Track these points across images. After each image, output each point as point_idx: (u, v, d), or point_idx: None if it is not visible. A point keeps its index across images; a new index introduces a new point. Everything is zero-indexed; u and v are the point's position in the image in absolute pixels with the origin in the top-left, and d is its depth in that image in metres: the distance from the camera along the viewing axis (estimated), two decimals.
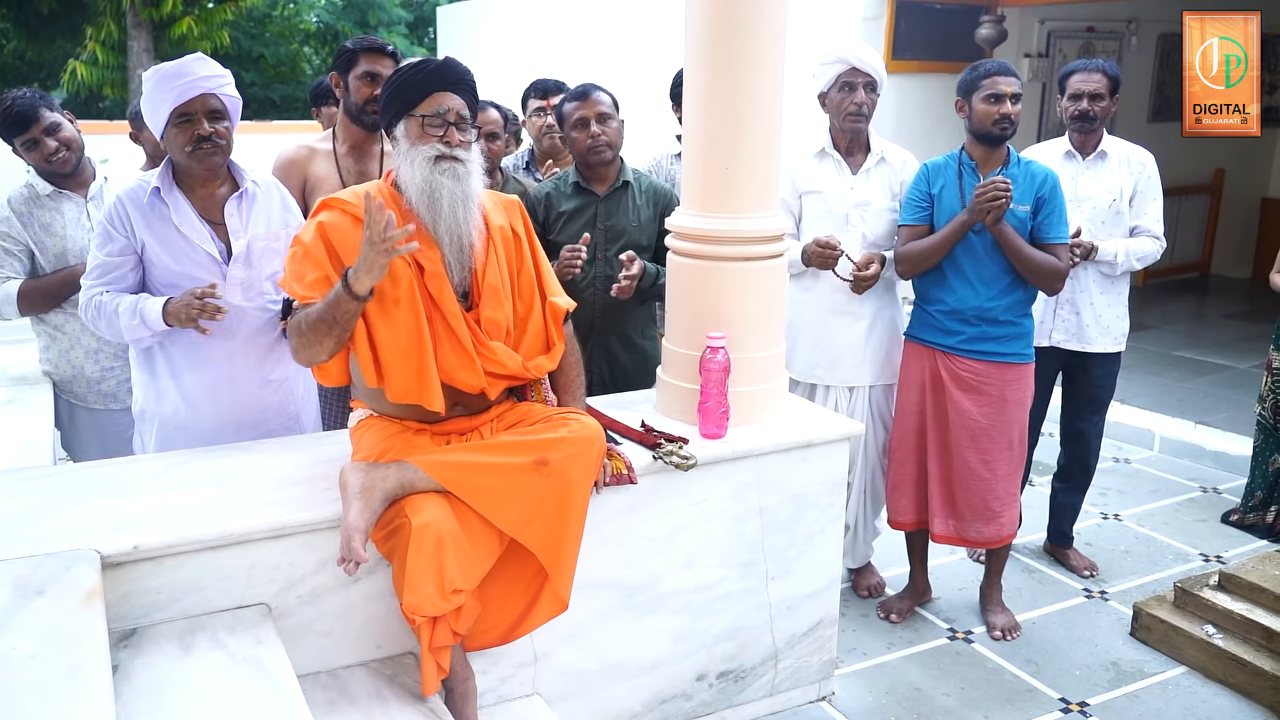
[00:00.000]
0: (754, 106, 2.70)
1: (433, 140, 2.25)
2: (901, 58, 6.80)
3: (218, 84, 2.54)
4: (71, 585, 1.88)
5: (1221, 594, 3.29)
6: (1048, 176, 3.18)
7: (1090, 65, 3.59)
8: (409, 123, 2.27)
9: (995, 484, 3.29)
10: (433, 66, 2.29)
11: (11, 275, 3.10)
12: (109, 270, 2.56)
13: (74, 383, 3.24)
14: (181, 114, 2.49)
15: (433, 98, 2.26)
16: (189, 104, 2.49)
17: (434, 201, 2.24)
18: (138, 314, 2.51)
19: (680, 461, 2.58)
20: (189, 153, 2.52)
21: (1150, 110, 8.43)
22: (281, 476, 2.39)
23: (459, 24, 12.34)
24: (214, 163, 2.56)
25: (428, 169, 2.24)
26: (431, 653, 2.15)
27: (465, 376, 2.29)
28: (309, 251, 2.24)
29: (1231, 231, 9.38)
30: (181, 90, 2.48)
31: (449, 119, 2.26)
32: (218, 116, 2.54)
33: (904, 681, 3.18)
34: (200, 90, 2.50)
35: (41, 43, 16.51)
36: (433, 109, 2.26)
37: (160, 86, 2.49)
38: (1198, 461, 5.07)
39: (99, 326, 2.57)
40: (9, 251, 3.09)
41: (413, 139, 2.26)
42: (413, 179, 2.25)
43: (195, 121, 2.50)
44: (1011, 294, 3.21)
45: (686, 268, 2.83)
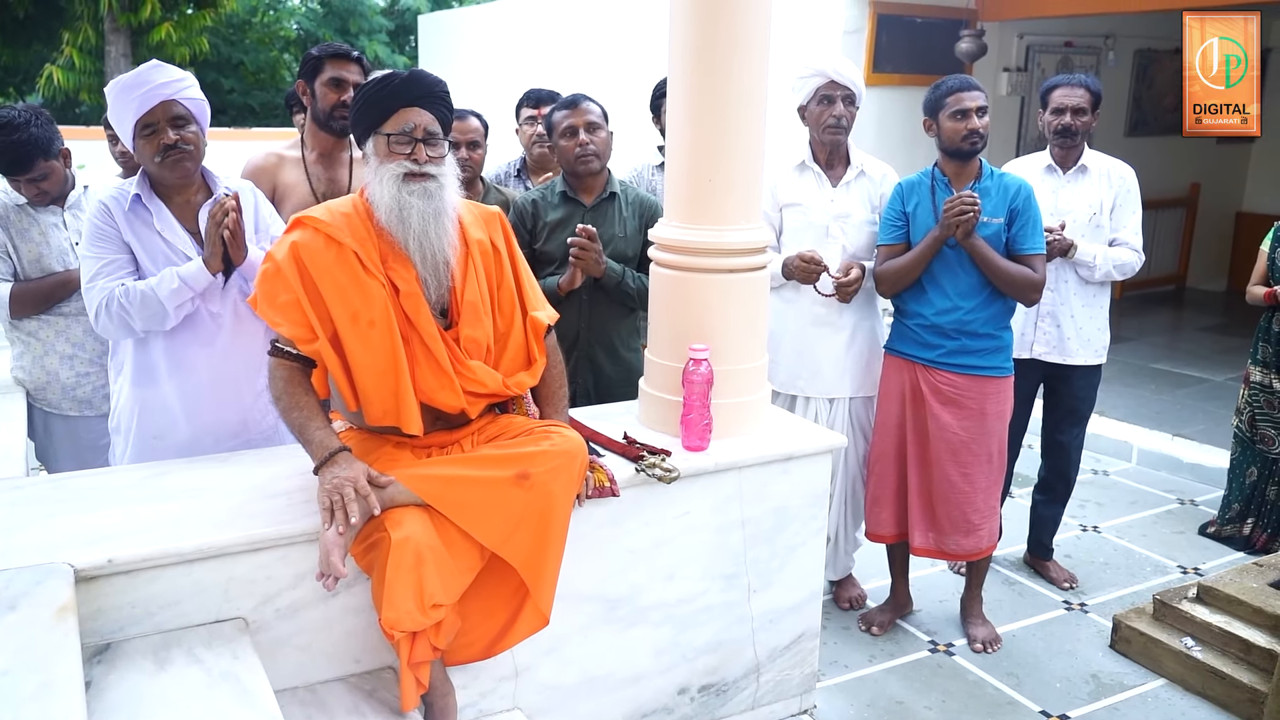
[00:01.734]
0: (738, 118, 2.69)
1: (400, 158, 2.20)
2: (882, 70, 6.85)
3: (177, 89, 2.50)
4: (43, 599, 1.84)
5: (1200, 606, 3.31)
6: (1020, 188, 3.20)
7: (1073, 80, 3.62)
8: (376, 140, 2.23)
9: (974, 497, 3.30)
10: (397, 82, 2.22)
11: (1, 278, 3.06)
12: (114, 267, 2.51)
13: (48, 389, 3.20)
14: (145, 124, 2.47)
15: (399, 114, 2.21)
16: (150, 113, 2.46)
17: (403, 221, 2.20)
18: (177, 278, 2.46)
19: (663, 474, 2.57)
20: (158, 163, 2.50)
21: (1127, 124, 8.52)
22: (259, 489, 2.35)
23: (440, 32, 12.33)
24: (185, 169, 2.53)
25: (395, 188, 2.19)
26: (411, 668, 2.12)
27: (444, 397, 2.26)
28: (280, 271, 2.19)
29: (1207, 245, 9.48)
30: (141, 100, 2.45)
31: (415, 135, 2.21)
32: (183, 122, 2.51)
33: (885, 694, 3.18)
34: (160, 98, 2.46)
35: (18, 47, 16.39)
36: (398, 127, 2.21)
37: (121, 99, 2.47)
38: (1175, 474, 5.11)
39: (129, 317, 2.48)
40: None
41: (380, 157, 2.22)
42: (381, 198, 2.21)
43: (160, 130, 2.47)
44: (989, 307, 3.22)
45: (669, 279, 2.83)
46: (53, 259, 3.11)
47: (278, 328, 2.20)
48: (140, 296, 2.47)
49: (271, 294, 2.20)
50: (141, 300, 2.47)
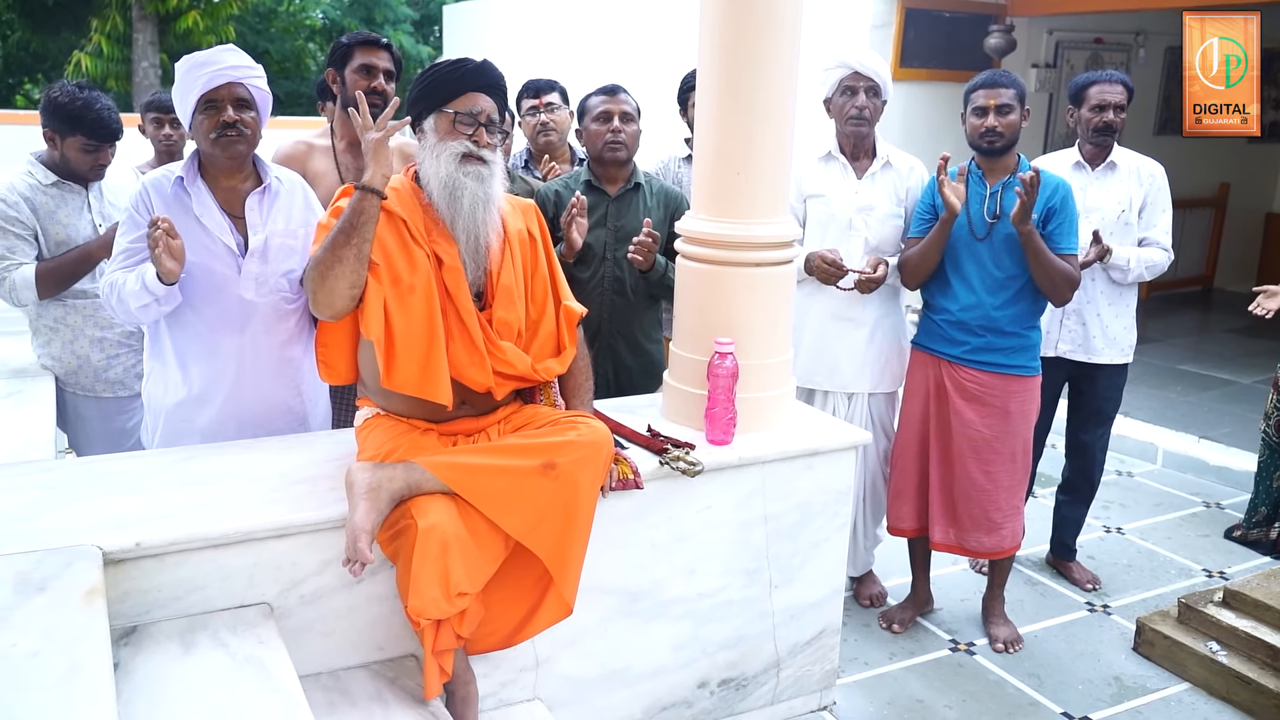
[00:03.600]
0: (767, 111, 2.68)
1: (462, 138, 2.26)
2: (910, 66, 6.80)
3: (247, 75, 2.54)
4: (73, 582, 1.86)
5: (1226, 610, 3.28)
6: (1059, 186, 3.17)
7: (1110, 76, 3.59)
8: (439, 118, 2.28)
9: (997, 495, 3.27)
10: (472, 66, 2.31)
11: (24, 260, 3.09)
12: (133, 255, 2.53)
13: (80, 373, 3.23)
14: (209, 100, 2.49)
15: (467, 96, 2.28)
16: (216, 91, 2.49)
17: (454, 199, 2.25)
18: (140, 280, 2.46)
19: (687, 467, 2.56)
20: (213, 139, 2.51)
21: (1157, 123, 8.43)
22: (286, 474, 2.37)
23: (465, 22, 12.33)
24: (238, 151, 2.54)
25: (453, 166, 2.25)
26: (434, 656, 2.13)
27: (474, 374, 2.28)
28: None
29: (1235, 246, 9.38)
30: (210, 77, 2.48)
31: (480, 120, 2.28)
32: (244, 105, 2.53)
33: (905, 693, 3.16)
34: (228, 78, 2.50)
35: (46, 34, 16.50)
36: (466, 107, 2.27)
37: (191, 74, 2.50)
38: (1201, 476, 5.06)
39: (112, 306, 2.52)
40: (20, 237, 3.07)
41: (441, 134, 2.27)
42: (436, 173, 2.26)
43: (220, 108, 2.49)
44: (1017, 304, 3.19)
45: (695, 272, 2.82)
46: (78, 242, 3.14)
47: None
48: (119, 291, 2.49)
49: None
50: (118, 295, 2.49)
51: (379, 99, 2.99)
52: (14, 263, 3.06)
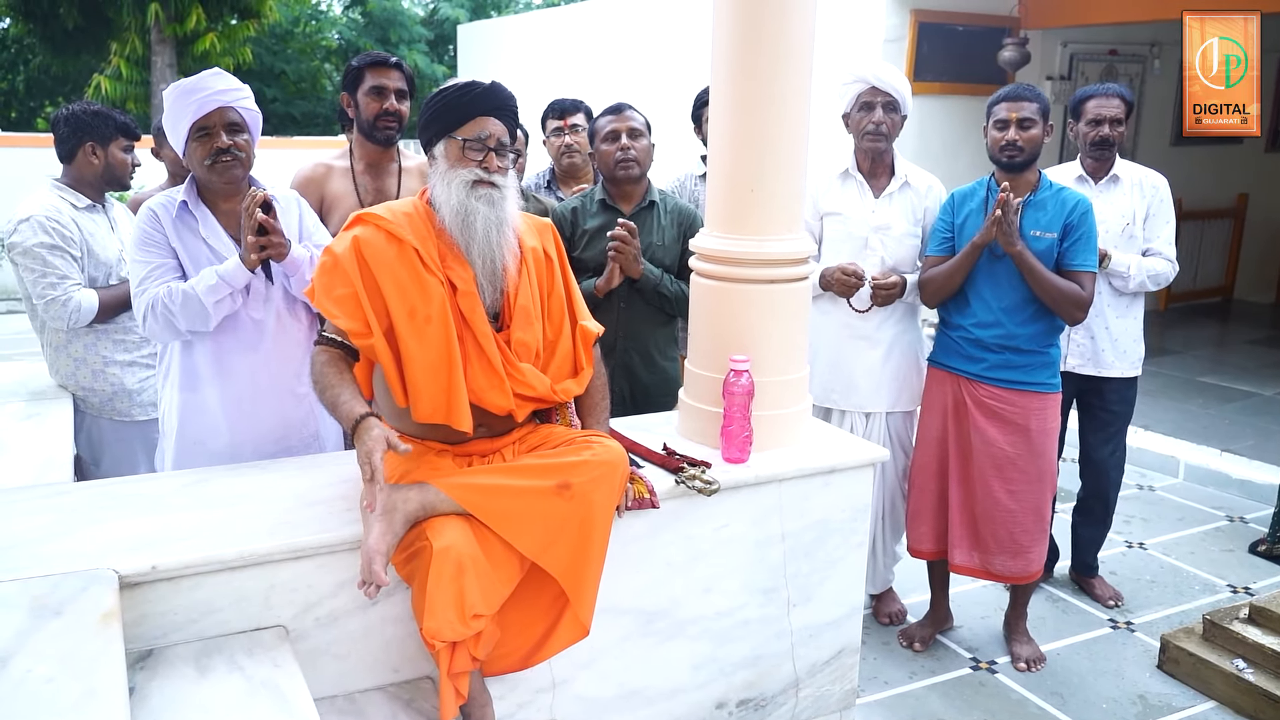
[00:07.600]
0: (780, 128, 2.67)
1: (471, 164, 2.24)
2: (923, 79, 6.80)
3: (235, 98, 2.55)
4: (89, 606, 1.85)
5: (1252, 627, 3.23)
6: (1079, 203, 3.14)
7: (1107, 90, 3.59)
8: (449, 144, 2.27)
9: (1023, 517, 3.23)
10: (479, 90, 2.28)
11: (78, 280, 3.12)
12: (161, 271, 2.54)
13: (116, 399, 3.25)
14: (200, 128, 2.52)
15: (475, 121, 2.26)
16: (207, 117, 2.51)
17: (468, 225, 2.24)
18: (215, 275, 2.48)
19: (703, 486, 2.54)
20: (208, 166, 2.53)
21: (1173, 134, 8.39)
22: (300, 496, 2.36)
23: (479, 42, 12.42)
24: (233, 175, 2.56)
25: (464, 193, 2.24)
26: (450, 678, 2.11)
27: (494, 397, 2.27)
28: (339, 264, 2.22)
29: (1255, 256, 9.31)
30: (200, 104, 2.50)
31: (489, 144, 2.26)
32: (236, 129, 2.55)
33: (926, 711, 3.13)
34: (218, 104, 2.51)
35: (66, 57, 16.69)
36: (474, 133, 2.25)
37: (180, 102, 2.52)
38: (1224, 490, 5.00)
39: (173, 318, 2.51)
40: (75, 259, 3.11)
41: (451, 160, 2.26)
42: (448, 200, 2.25)
43: (213, 134, 2.51)
44: (1035, 323, 3.15)
45: (710, 290, 2.81)
46: (112, 261, 3.19)
47: (334, 319, 2.22)
48: (182, 296, 2.50)
49: (329, 286, 2.22)
50: (184, 300, 2.50)
51: (393, 120, 3.00)
52: (75, 283, 3.09)
